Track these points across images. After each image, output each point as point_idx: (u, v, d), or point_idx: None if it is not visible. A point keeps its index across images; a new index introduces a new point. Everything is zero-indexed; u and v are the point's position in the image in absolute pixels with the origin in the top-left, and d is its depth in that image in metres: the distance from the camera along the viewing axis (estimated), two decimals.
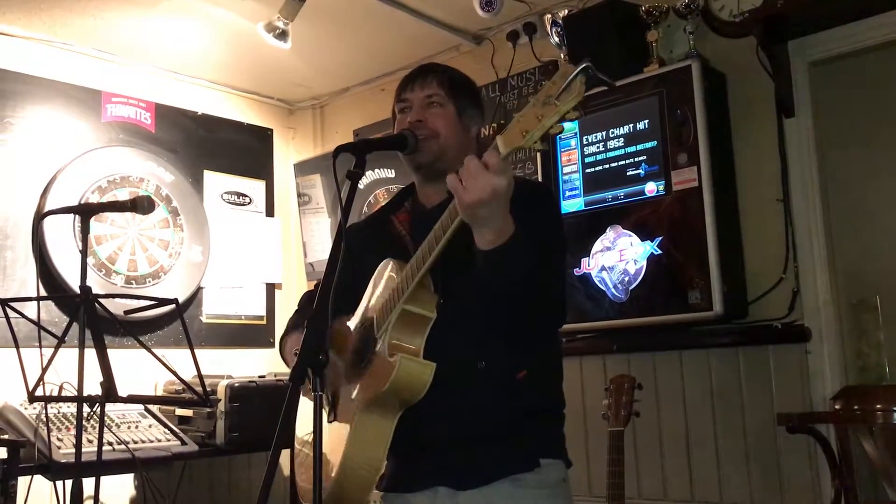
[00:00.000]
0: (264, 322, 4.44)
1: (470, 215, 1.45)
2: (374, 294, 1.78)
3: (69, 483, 2.55)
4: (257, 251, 4.47)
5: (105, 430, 2.73)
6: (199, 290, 4.15)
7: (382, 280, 1.76)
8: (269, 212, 4.60)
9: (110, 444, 3.04)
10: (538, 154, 3.35)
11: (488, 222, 1.46)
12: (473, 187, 1.41)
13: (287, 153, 4.76)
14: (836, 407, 2.64)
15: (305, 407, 1.65)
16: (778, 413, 2.73)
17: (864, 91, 3.06)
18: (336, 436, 1.72)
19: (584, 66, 1.32)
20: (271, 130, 4.70)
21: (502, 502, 1.64)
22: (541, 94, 1.37)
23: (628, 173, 3.05)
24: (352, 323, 1.84)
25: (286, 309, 4.50)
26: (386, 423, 1.64)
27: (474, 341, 1.67)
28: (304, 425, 1.80)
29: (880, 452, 2.53)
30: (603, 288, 3.06)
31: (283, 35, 3.55)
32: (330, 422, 1.81)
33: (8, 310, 2.56)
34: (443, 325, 1.64)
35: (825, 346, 2.82)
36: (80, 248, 2.63)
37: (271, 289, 4.51)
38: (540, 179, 3.35)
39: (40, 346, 2.45)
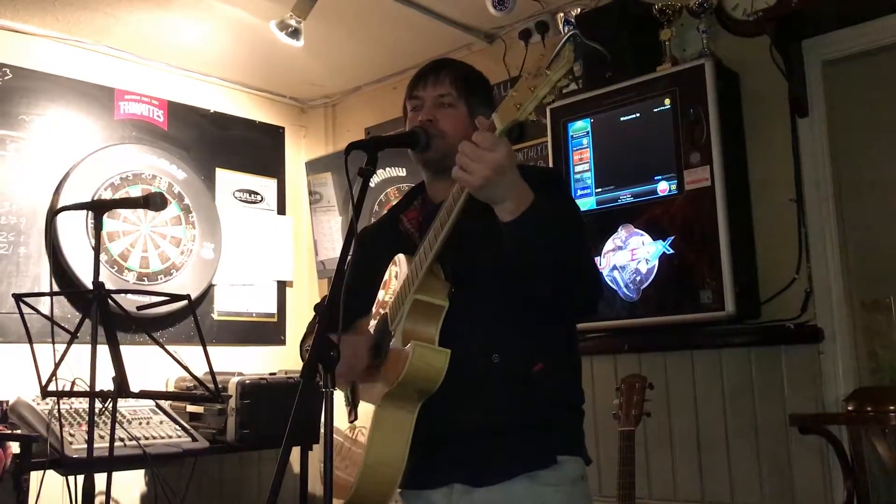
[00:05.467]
0: (275, 319, 4.45)
1: (486, 196, 1.48)
2: (387, 291, 1.78)
3: (81, 478, 2.56)
4: (269, 249, 4.48)
5: (117, 425, 2.74)
6: (210, 287, 4.17)
7: (394, 276, 1.76)
8: (281, 210, 4.61)
9: (122, 439, 3.06)
10: (549, 153, 3.34)
11: (505, 195, 1.48)
12: (476, 169, 1.44)
13: (299, 151, 4.77)
14: (849, 408, 2.63)
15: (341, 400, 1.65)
16: (790, 414, 2.72)
17: (879, 91, 3.04)
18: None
19: (571, 33, 1.35)
20: (283, 129, 4.71)
21: (519, 499, 1.62)
22: (531, 67, 1.39)
23: (640, 172, 3.04)
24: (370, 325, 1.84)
25: (297, 307, 4.52)
26: (405, 417, 1.62)
27: (488, 334, 1.66)
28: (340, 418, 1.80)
29: (893, 454, 2.52)
30: (614, 287, 3.05)
31: (295, 33, 3.56)
32: (351, 421, 1.81)
33: (21, 305, 2.58)
34: (456, 318, 1.63)
35: (838, 347, 2.80)
36: (93, 245, 2.64)
37: (282, 286, 4.52)
38: None
39: (53, 342, 2.46)
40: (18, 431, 3.00)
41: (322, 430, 1.48)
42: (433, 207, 1.82)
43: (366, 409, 1.78)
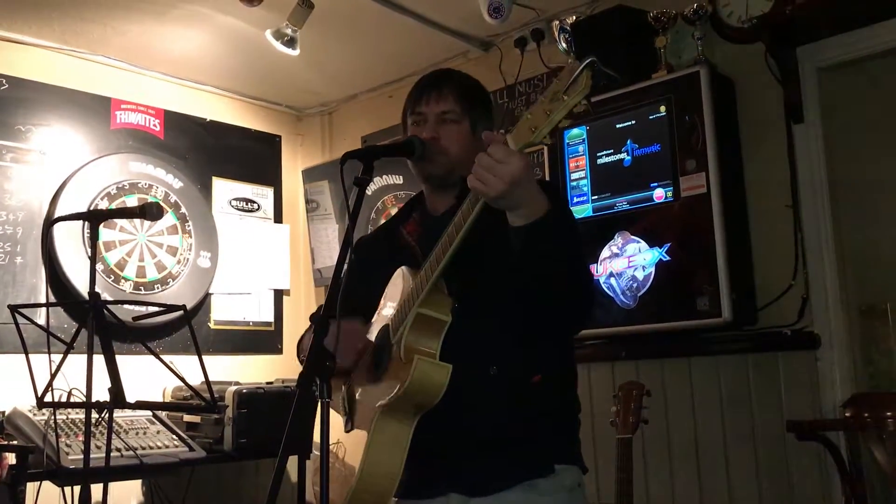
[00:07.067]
0: (272, 328, 4.45)
1: (504, 204, 1.49)
2: (388, 303, 1.78)
3: (77, 489, 2.55)
4: (265, 257, 4.47)
5: (113, 436, 2.74)
6: (207, 296, 4.16)
7: (397, 288, 1.76)
8: (278, 218, 4.61)
9: (118, 450, 3.04)
10: (546, 160, 3.35)
11: (522, 202, 1.50)
12: (492, 182, 1.45)
13: (295, 160, 4.77)
14: (847, 414, 2.62)
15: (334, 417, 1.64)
16: (787, 420, 2.72)
17: (874, 97, 3.05)
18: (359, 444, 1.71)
19: (589, 60, 1.36)
20: (279, 137, 4.71)
21: None
22: (549, 91, 1.42)
23: (637, 179, 3.04)
24: (369, 333, 1.84)
25: (294, 315, 4.51)
26: (403, 429, 1.63)
27: (487, 346, 1.67)
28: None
29: (891, 459, 2.51)
30: (611, 294, 3.05)
31: (291, 42, 3.56)
32: (347, 431, 1.81)
33: (17, 316, 2.57)
34: (456, 331, 1.63)
35: (835, 353, 2.80)
36: (89, 255, 2.64)
37: (279, 295, 4.52)
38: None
39: (49, 352, 2.45)
40: (14, 442, 2.99)
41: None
42: (433, 220, 1.82)
43: (363, 418, 1.77)
